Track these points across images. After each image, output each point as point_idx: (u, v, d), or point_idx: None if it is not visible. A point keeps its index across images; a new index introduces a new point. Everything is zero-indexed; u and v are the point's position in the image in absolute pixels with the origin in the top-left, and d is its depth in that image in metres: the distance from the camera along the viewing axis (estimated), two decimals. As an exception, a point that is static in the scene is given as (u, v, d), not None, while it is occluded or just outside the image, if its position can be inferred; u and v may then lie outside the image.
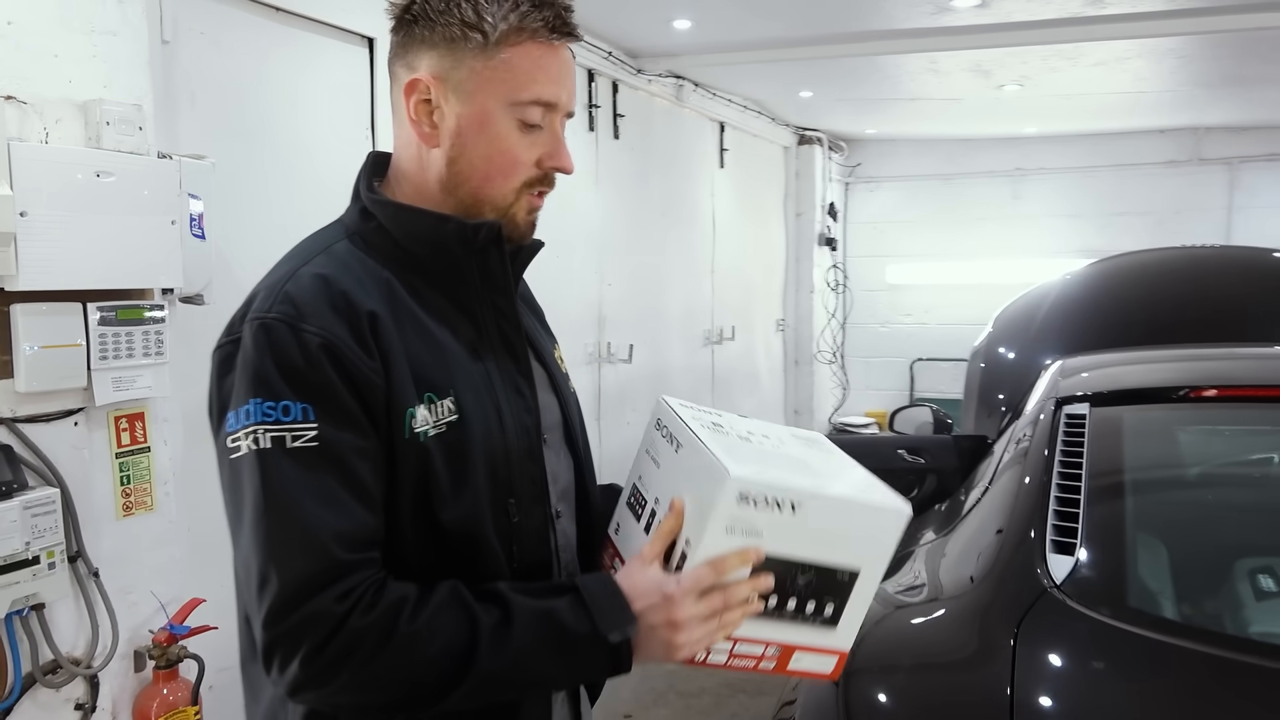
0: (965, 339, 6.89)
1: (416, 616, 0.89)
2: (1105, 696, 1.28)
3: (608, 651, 0.92)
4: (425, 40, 0.99)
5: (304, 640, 0.86)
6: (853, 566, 0.97)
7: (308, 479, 0.89)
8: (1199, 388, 2.05)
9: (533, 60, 0.98)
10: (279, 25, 2.50)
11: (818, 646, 0.99)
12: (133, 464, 1.94)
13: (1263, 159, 6.67)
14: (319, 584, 0.87)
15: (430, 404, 0.96)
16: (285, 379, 0.90)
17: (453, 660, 0.89)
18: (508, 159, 1.00)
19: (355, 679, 0.88)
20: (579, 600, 0.93)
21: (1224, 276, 3.32)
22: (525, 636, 0.91)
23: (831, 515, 0.95)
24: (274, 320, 0.92)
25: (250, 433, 0.89)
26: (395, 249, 1.02)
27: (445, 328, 1.01)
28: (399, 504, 0.95)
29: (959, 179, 7.36)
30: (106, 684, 1.89)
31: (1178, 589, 1.59)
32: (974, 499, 1.99)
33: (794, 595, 0.95)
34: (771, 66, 4.68)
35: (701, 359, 5.54)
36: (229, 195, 2.23)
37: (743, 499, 0.91)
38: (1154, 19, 3.73)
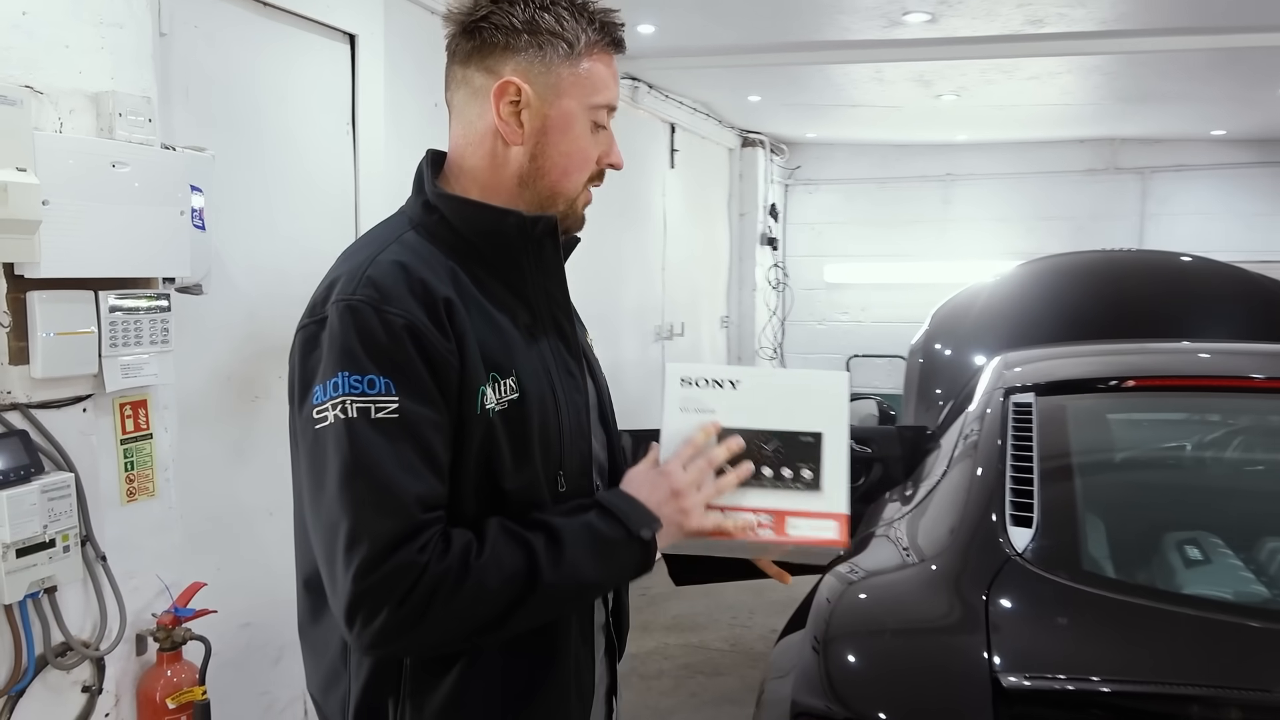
0: (899, 336, 7.22)
1: (481, 552, 0.99)
2: (1069, 645, 1.45)
3: (639, 547, 1.06)
4: (510, 47, 1.08)
5: (395, 589, 0.95)
6: (811, 429, 1.10)
7: (390, 447, 0.97)
8: (1132, 378, 2.26)
9: (605, 69, 1.12)
10: (267, 20, 2.54)
11: (809, 510, 1.10)
12: (136, 450, 1.98)
13: (1172, 169, 7.12)
14: (403, 540, 0.96)
15: (495, 383, 1.06)
16: (370, 356, 0.99)
17: (518, 582, 1.00)
18: (583, 156, 1.13)
19: (440, 615, 0.97)
20: (605, 511, 1.07)
21: (1138, 279, 3.59)
22: (574, 549, 1.03)
23: (771, 389, 1.12)
24: (359, 302, 1.01)
25: (339, 403, 0.98)
26: (457, 240, 1.11)
27: (504, 313, 1.11)
28: (465, 473, 1.05)
29: (893, 183, 7.65)
30: (111, 667, 1.93)
31: (1120, 556, 1.77)
32: (935, 479, 2.16)
33: (766, 463, 1.10)
34: (724, 71, 4.84)
35: (652, 354, 5.68)
36: (218, 187, 2.27)
37: (685, 382, 1.11)
38: (1086, 38, 4.02)
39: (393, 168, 3.01)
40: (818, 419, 1.11)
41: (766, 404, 1.11)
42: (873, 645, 1.58)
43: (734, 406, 1.11)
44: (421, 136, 3.26)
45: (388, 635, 0.96)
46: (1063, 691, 1.29)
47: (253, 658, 2.49)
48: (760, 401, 1.11)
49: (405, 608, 0.95)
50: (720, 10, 3.80)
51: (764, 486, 1.10)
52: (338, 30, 2.76)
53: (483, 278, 1.11)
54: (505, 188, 1.13)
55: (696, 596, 4.32)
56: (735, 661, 3.87)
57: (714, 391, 1.11)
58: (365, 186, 2.87)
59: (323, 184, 2.73)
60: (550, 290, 1.16)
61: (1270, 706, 1.19)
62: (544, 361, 1.13)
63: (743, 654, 3.93)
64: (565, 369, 1.16)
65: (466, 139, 1.14)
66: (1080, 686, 1.29)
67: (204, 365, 2.32)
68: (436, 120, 3.35)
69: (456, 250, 1.11)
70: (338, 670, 1.10)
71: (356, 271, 1.04)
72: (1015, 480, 1.81)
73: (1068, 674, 1.33)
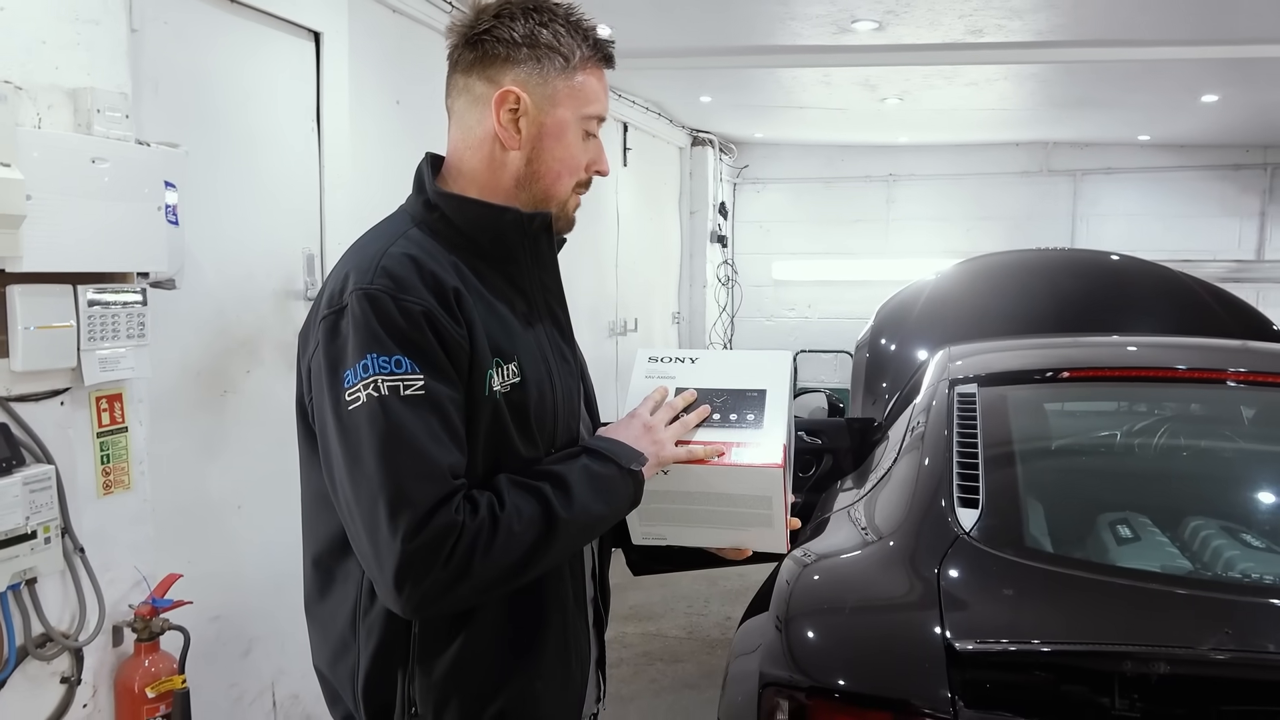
0: (844, 332, 7.42)
1: (503, 505, 1.08)
2: (1014, 613, 1.57)
3: (631, 480, 1.17)
4: (510, 59, 1.17)
5: (441, 548, 1.02)
6: (758, 386, 1.28)
7: (422, 421, 1.05)
8: (1067, 370, 2.41)
9: (597, 82, 1.21)
10: (233, 17, 2.55)
11: (753, 441, 1.24)
12: (112, 443, 2.00)
13: (1101, 172, 7.44)
14: (444, 502, 1.03)
15: (499, 367, 1.14)
16: (394, 339, 1.06)
17: (539, 525, 1.09)
18: (575, 162, 1.22)
19: (481, 566, 1.05)
20: (595, 454, 1.17)
21: (1071, 276, 3.78)
22: (580, 488, 1.13)
23: (724, 362, 1.30)
24: (377, 291, 1.07)
25: (370, 383, 1.04)
26: (458, 235, 1.18)
27: (504, 302, 1.19)
28: (475, 451, 1.12)
29: (838, 182, 7.85)
30: (90, 658, 1.95)
31: (1059, 534, 1.91)
32: (885, 468, 2.28)
33: (717, 411, 1.25)
34: (677, 72, 4.94)
35: (606, 350, 5.76)
36: (187, 182, 2.28)
37: (651, 360, 1.30)
38: (1022, 48, 4.21)
39: (357, 165, 3.03)
40: (763, 380, 1.29)
41: (720, 372, 1.29)
42: (833, 619, 1.67)
43: (691, 375, 1.28)
44: (385, 133, 3.30)
45: (436, 592, 1.03)
46: (1009, 653, 1.41)
47: (222, 650, 2.50)
48: (714, 370, 1.29)
49: (451, 564, 1.02)
50: (675, 13, 3.90)
51: (715, 427, 1.25)
52: (303, 28, 2.78)
53: (483, 270, 1.18)
54: (502, 189, 1.20)
55: (654, 586, 4.41)
56: (693, 648, 3.98)
57: (675, 365, 1.29)
58: (330, 183, 2.90)
59: (288, 180, 2.75)
60: (545, 281, 1.25)
61: (1191, 660, 1.33)
62: (541, 348, 1.22)
63: (700, 641, 4.04)
64: (560, 355, 1.25)
65: (465, 143, 1.21)
66: (1025, 648, 1.42)
67: (175, 359, 2.33)
68: (399, 118, 3.41)
69: (457, 245, 1.18)
70: (347, 641, 1.16)
71: (369, 263, 1.11)
72: (961, 465, 1.93)
73: (1013, 638, 1.45)
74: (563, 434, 1.22)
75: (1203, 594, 1.57)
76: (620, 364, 5.97)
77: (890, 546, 1.83)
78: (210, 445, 2.49)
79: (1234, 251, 7.23)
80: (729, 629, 4.18)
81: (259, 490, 2.60)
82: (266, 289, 2.67)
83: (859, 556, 1.87)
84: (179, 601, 2.05)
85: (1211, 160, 7.21)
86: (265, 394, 2.62)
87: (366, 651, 1.13)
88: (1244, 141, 7.03)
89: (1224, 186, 7.24)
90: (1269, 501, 2.12)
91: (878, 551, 1.86)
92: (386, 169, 3.18)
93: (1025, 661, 1.41)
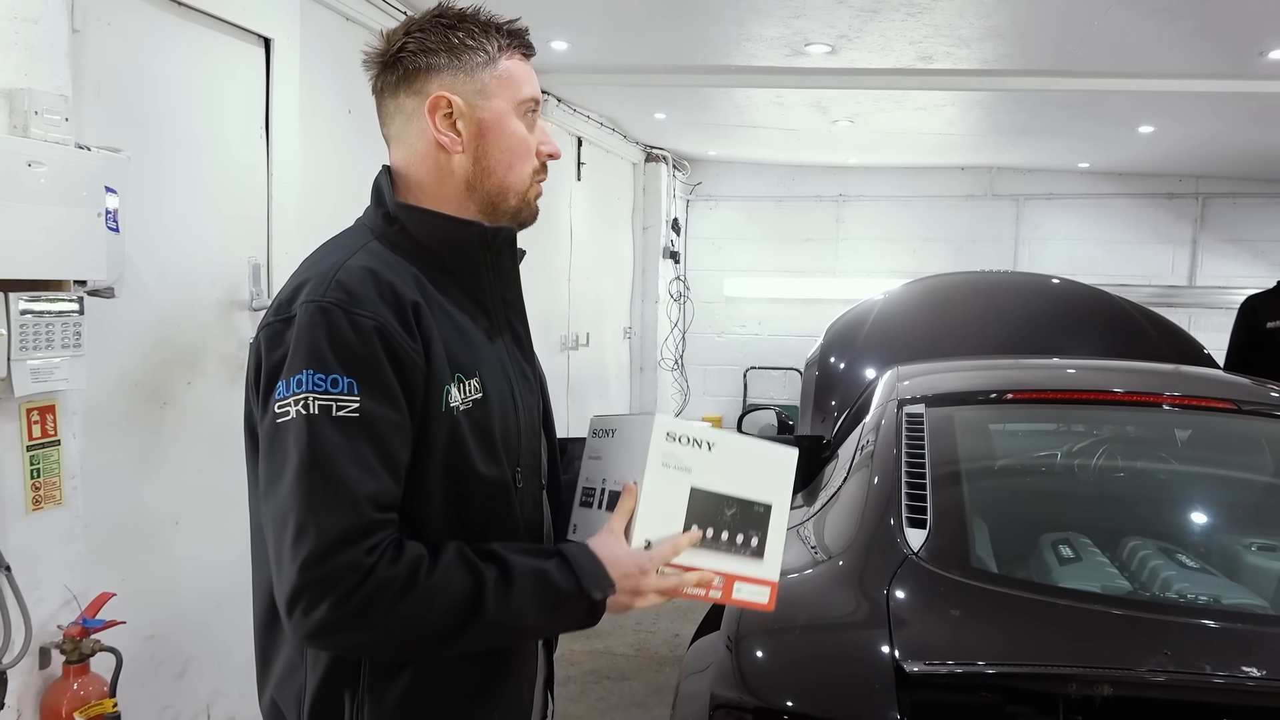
0: (794, 349, 7.49)
1: (433, 571, 1.02)
2: (961, 634, 1.59)
3: (588, 606, 1.09)
4: (433, 67, 1.16)
5: (336, 585, 0.97)
6: (765, 500, 1.20)
7: (348, 445, 1.01)
8: (1011, 392, 2.46)
9: (521, 69, 1.20)
10: (181, 20, 2.49)
11: (752, 576, 1.18)
12: (43, 457, 1.92)
13: (1043, 197, 7.64)
14: (352, 538, 0.99)
15: (460, 383, 1.11)
16: (337, 356, 1.02)
17: (462, 610, 1.03)
18: (524, 147, 1.19)
19: (379, 622, 0.99)
20: (565, 563, 1.09)
21: (1013, 298, 3.88)
22: (523, 592, 1.06)
23: (738, 454, 1.19)
24: (330, 304, 1.04)
25: (300, 400, 1.01)
26: (418, 249, 1.16)
27: (466, 317, 1.16)
28: (432, 468, 1.09)
29: (789, 201, 7.94)
30: (14, 681, 1.86)
31: (1003, 554, 1.94)
32: (835, 486, 2.29)
33: (726, 528, 1.16)
34: (632, 89, 4.96)
35: (558, 364, 5.73)
36: (129, 188, 2.22)
37: (670, 437, 1.14)
38: (969, 75, 4.32)
39: (307, 174, 2.98)
40: (770, 491, 1.20)
41: (732, 468, 1.18)
42: (783, 640, 1.66)
43: (707, 468, 1.16)
44: (336, 142, 3.25)
45: (323, 629, 0.99)
46: (957, 675, 1.42)
47: (157, 671, 2.42)
48: (728, 466, 1.18)
49: (345, 606, 0.98)
50: (632, 31, 3.91)
51: (719, 550, 1.17)
52: (253, 33, 2.73)
53: (445, 284, 1.16)
54: (454, 196, 1.18)
55: (601, 603, 4.38)
56: (640, 666, 3.95)
57: (693, 450, 1.16)
58: (279, 192, 2.84)
59: (235, 188, 2.69)
60: (507, 297, 1.22)
61: (1133, 682, 1.35)
62: (503, 364, 1.19)
63: (647, 659, 4.02)
64: (521, 372, 1.23)
65: (410, 160, 1.19)
66: (972, 670, 1.43)
67: (112, 370, 2.26)
68: (352, 126, 3.37)
69: (418, 259, 1.16)
70: (295, 664, 1.12)
71: (326, 275, 1.08)
72: (910, 486, 1.95)
73: (960, 659, 1.47)
74: (525, 452, 1.20)
75: (1142, 615, 1.61)
76: (570, 379, 5.95)
77: (840, 566, 1.84)
78: (148, 459, 2.42)
79: (1167, 277, 7.47)
80: (677, 646, 4.17)
81: (198, 505, 2.52)
82: (210, 299, 2.60)
83: (809, 576, 1.88)
84: (111, 621, 1.98)
85: (1147, 189, 7.45)
86: (207, 406, 2.55)
87: (315, 676, 1.10)
88: (1177, 171, 7.29)
89: (1158, 214, 7.49)
90: (1202, 522, 2.18)
91: (828, 571, 1.87)
92: (338, 178, 3.13)
93: (972, 683, 1.42)
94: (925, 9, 3.44)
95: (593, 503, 1.20)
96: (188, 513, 2.51)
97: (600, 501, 1.19)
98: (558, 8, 3.54)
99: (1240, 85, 4.20)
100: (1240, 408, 2.33)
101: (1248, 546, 1.92)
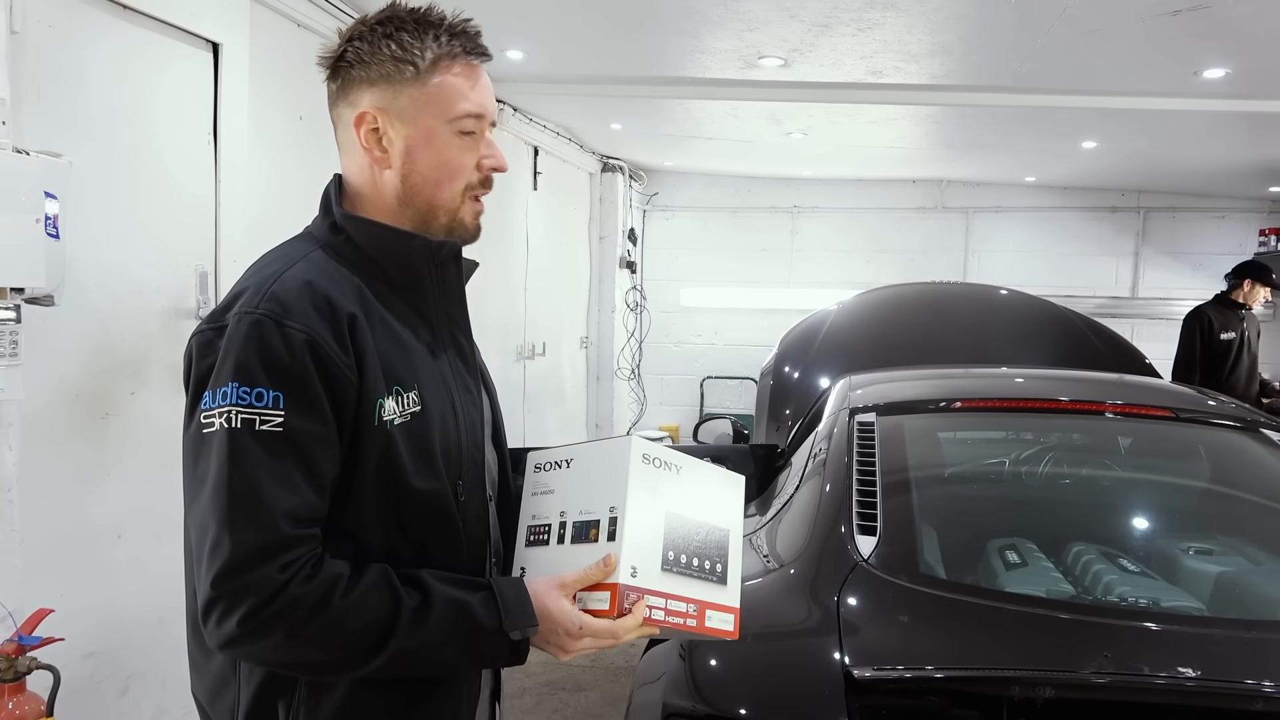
0: (749, 359, 7.55)
1: (350, 592, 1.01)
2: (910, 639, 1.61)
3: (508, 646, 1.08)
4: (363, 80, 1.14)
5: (246, 600, 0.97)
6: (724, 525, 1.20)
7: (269, 460, 1.00)
8: (959, 400, 2.51)
9: (460, 81, 1.15)
10: (126, 24, 2.44)
11: (719, 604, 1.17)
12: (-23, 469, 1.87)
13: (991, 210, 7.80)
14: (268, 553, 0.99)
15: (398, 396, 1.10)
16: (265, 369, 1.02)
17: (375, 635, 1.02)
18: (453, 166, 1.17)
19: (287, 640, 0.99)
20: (491, 598, 1.08)
21: (963, 308, 3.96)
22: (440, 622, 1.05)
23: (699, 478, 1.19)
24: (262, 315, 1.04)
25: (224, 412, 1.01)
26: (363, 260, 1.15)
27: (408, 330, 1.16)
28: (365, 481, 1.08)
29: (745, 212, 8.01)
30: (-57, 701, 1.80)
31: (951, 560, 1.97)
32: (788, 494, 2.31)
33: (695, 554, 1.15)
34: (589, 99, 4.98)
35: (514, 374, 5.70)
36: (71, 194, 2.17)
37: (645, 459, 1.13)
38: (918, 90, 4.41)
39: (257, 180, 2.94)
40: (728, 515, 1.21)
41: (696, 493, 1.17)
42: (735, 648, 1.66)
43: (676, 492, 1.15)
44: (286, 148, 3.20)
45: (234, 641, 0.99)
46: (906, 679, 1.44)
47: (98, 689, 2.35)
48: (692, 490, 1.17)
49: (254, 621, 0.98)
50: (588, 41, 3.92)
51: (690, 576, 1.15)
52: (200, 38, 2.69)
53: (387, 296, 1.16)
54: (388, 209, 1.18)
55: (557, 613, 4.35)
56: (596, 677, 3.94)
57: (665, 473, 1.15)
58: (226, 199, 2.79)
59: (181, 194, 2.64)
60: (451, 311, 1.22)
61: (1075, 684, 1.38)
62: (445, 378, 1.19)
63: (603, 669, 4.01)
64: (464, 386, 1.22)
65: (351, 170, 1.19)
66: (919, 674, 1.45)
67: (51, 380, 2.20)
68: (303, 133, 3.33)
69: (362, 270, 1.15)
70: (226, 677, 1.11)
71: (262, 286, 1.07)
72: (860, 493, 1.98)
73: (908, 664, 1.49)
74: (468, 465, 1.19)
75: (1085, 618, 1.64)
76: (526, 389, 5.92)
77: (791, 574, 1.86)
78: (89, 471, 2.35)
79: (1111, 288, 7.68)
80: (633, 657, 4.14)
81: (142, 518, 2.46)
82: (155, 306, 2.55)
83: (761, 584, 1.89)
84: (49, 639, 1.92)
85: (1091, 202, 7.65)
86: (151, 417, 2.49)
87: (249, 689, 1.09)
88: (1120, 185, 7.50)
89: (1102, 227, 7.69)
90: (1142, 527, 2.24)
91: (779, 579, 1.88)
92: (287, 185, 3.09)
93: (919, 687, 1.44)
94: (875, 24, 3.51)
95: (547, 539, 1.17)
96: (131, 525, 2.45)
97: (560, 536, 1.15)
98: (513, 17, 3.54)
99: (1177, 103, 4.34)
100: (1178, 416, 2.40)
101: (1185, 550, 1.97)
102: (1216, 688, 1.39)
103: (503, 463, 1.32)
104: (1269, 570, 1.95)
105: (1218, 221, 7.55)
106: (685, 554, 1.14)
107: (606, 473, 1.13)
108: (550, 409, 6.38)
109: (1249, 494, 2.34)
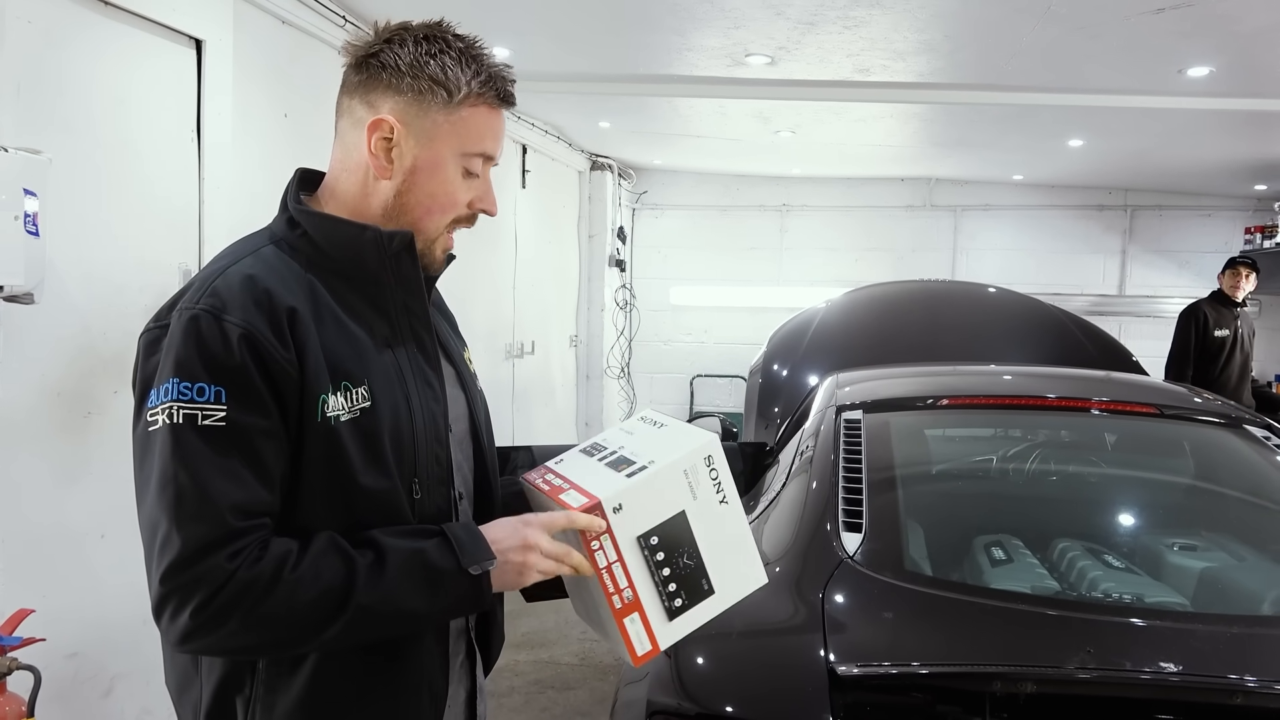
0: (739, 357, 7.55)
1: (299, 564, 1.02)
2: (894, 636, 1.62)
3: (469, 583, 1.07)
4: (392, 86, 1.13)
5: (196, 593, 0.98)
6: (717, 584, 1.15)
7: (212, 454, 1.01)
8: (946, 397, 2.51)
9: (484, 120, 1.16)
10: (108, 20, 2.42)
11: (652, 625, 1.11)
12: (-45, 469, 1.85)
13: (979, 208, 7.83)
14: (215, 546, 0.99)
15: (345, 391, 1.09)
16: (204, 364, 1.02)
17: (332, 598, 1.02)
18: (450, 200, 1.17)
19: (243, 624, 1.00)
20: (445, 542, 1.08)
21: (951, 306, 3.97)
22: (396, 571, 1.05)
23: (735, 531, 1.16)
24: (201, 310, 1.04)
25: (166, 409, 1.01)
26: (318, 254, 1.15)
27: (362, 325, 1.15)
28: (311, 478, 1.07)
29: (734, 210, 8.01)
30: (-78, 703, 1.78)
31: (937, 557, 1.98)
32: (775, 491, 2.32)
33: (674, 568, 1.12)
34: (577, 97, 4.97)
35: (503, 372, 5.69)
36: (52, 191, 2.15)
37: (707, 461, 1.13)
38: (905, 88, 4.41)
39: (241, 177, 2.92)
40: (729, 583, 1.18)
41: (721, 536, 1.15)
42: (720, 645, 1.67)
43: (705, 514, 1.15)
44: (271, 146, 3.19)
45: (189, 635, 1.00)
46: (889, 676, 1.44)
47: (81, 690, 2.33)
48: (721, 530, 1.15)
49: (206, 612, 0.98)
50: (575, 40, 3.92)
51: (651, 576, 1.12)
52: (183, 34, 2.67)
53: (342, 291, 1.15)
54: (371, 216, 1.17)
55: (546, 613, 4.36)
56: (585, 675, 3.93)
57: (710, 489, 1.14)
58: (210, 196, 2.77)
59: (164, 192, 2.62)
60: (409, 303, 1.19)
61: (1058, 679, 1.39)
62: (399, 371, 1.17)
63: (592, 668, 4.00)
64: (424, 379, 1.20)
65: (344, 165, 1.18)
66: (903, 671, 1.45)
67: (32, 379, 2.18)
68: (287, 130, 3.31)
69: (316, 264, 1.14)
70: (189, 673, 1.12)
71: (205, 282, 1.08)
72: (847, 490, 1.98)
73: (893, 661, 1.49)
74: (426, 462, 1.17)
75: (1069, 614, 1.64)
76: (515, 388, 5.91)
77: (777, 572, 1.86)
78: (71, 470, 2.33)
79: (1098, 286, 7.71)
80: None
81: (125, 517, 2.41)
82: (138, 304, 2.53)
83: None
84: (30, 639, 1.90)
85: (1078, 200, 7.69)
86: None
87: (209, 685, 1.09)
88: (1107, 184, 7.54)
89: (1089, 225, 7.72)
90: (1127, 523, 2.25)
91: (769, 575, 1.88)
92: (271, 183, 3.04)
93: (903, 683, 1.44)
94: (861, 22, 3.51)
95: (596, 456, 1.21)
96: (114, 525, 2.43)
97: (607, 458, 1.19)
98: (500, 14, 3.53)
99: (1162, 101, 4.36)
100: (1162, 412, 2.41)
101: (1169, 546, 1.98)
102: (1198, 682, 1.39)
103: (482, 460, 1.30)
104: (1252, 566, 1.96)
105: (1204, 219, 7.60)
106: (664, 557, 1.12)
107: (674, 445, 1.15)
108: (539, 408, 6.37)
109: (1232, 490, 2.35)
